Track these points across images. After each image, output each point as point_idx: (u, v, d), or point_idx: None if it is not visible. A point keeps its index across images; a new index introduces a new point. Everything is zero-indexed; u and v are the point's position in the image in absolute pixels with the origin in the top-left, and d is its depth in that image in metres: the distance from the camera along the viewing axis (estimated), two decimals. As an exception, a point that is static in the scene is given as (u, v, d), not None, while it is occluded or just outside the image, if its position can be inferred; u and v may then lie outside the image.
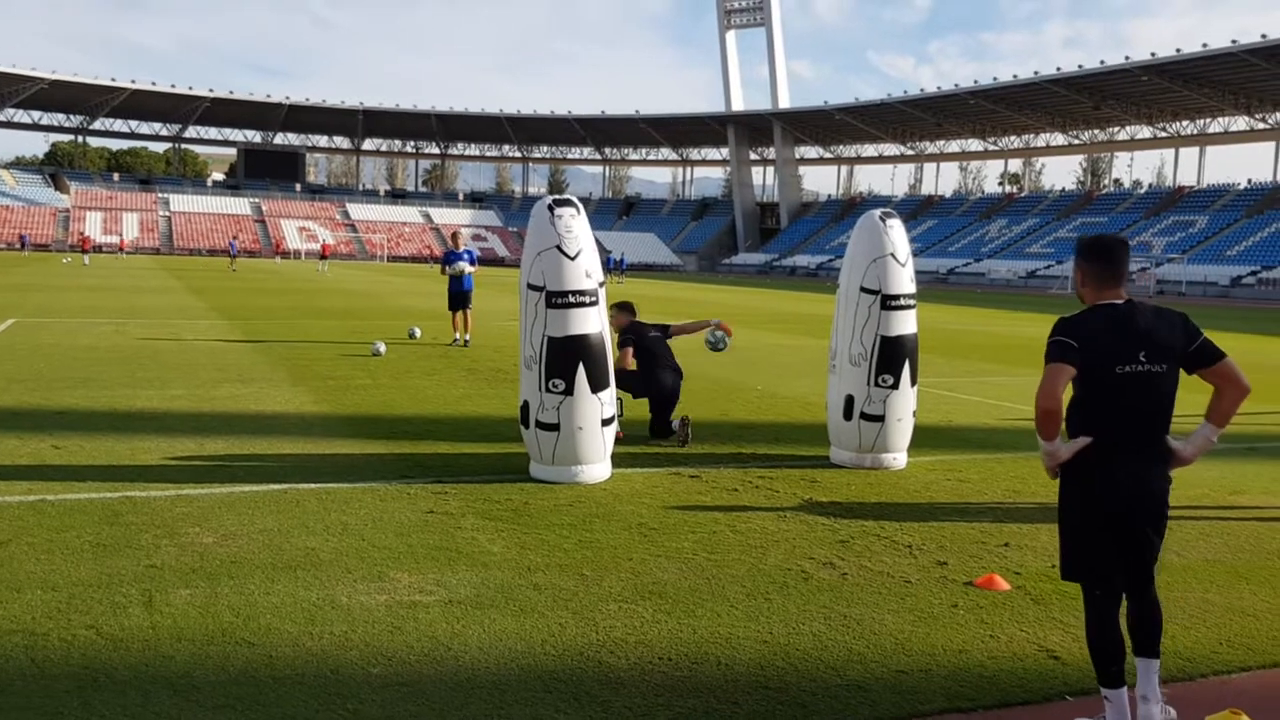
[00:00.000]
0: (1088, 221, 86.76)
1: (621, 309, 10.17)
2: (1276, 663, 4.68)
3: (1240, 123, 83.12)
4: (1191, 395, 4.01)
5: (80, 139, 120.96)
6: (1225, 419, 3.87)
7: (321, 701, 3.92)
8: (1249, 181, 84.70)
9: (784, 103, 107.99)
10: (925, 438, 9.64)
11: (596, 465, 7.79)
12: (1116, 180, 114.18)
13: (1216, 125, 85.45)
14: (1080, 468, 3.79)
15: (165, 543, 5.82)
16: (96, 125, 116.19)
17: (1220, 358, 3.80)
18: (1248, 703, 4.15)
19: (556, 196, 7.98)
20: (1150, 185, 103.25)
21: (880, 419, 8.52)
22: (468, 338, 17.82)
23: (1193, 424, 3.96)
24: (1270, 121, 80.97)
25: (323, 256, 68.22)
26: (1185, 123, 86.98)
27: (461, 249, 18.51)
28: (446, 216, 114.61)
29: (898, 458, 8.75)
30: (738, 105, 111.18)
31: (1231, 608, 5.39)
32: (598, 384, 7.65)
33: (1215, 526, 7.07)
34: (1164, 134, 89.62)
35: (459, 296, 17.91)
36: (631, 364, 9.68)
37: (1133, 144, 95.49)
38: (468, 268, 18.02)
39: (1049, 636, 4.82)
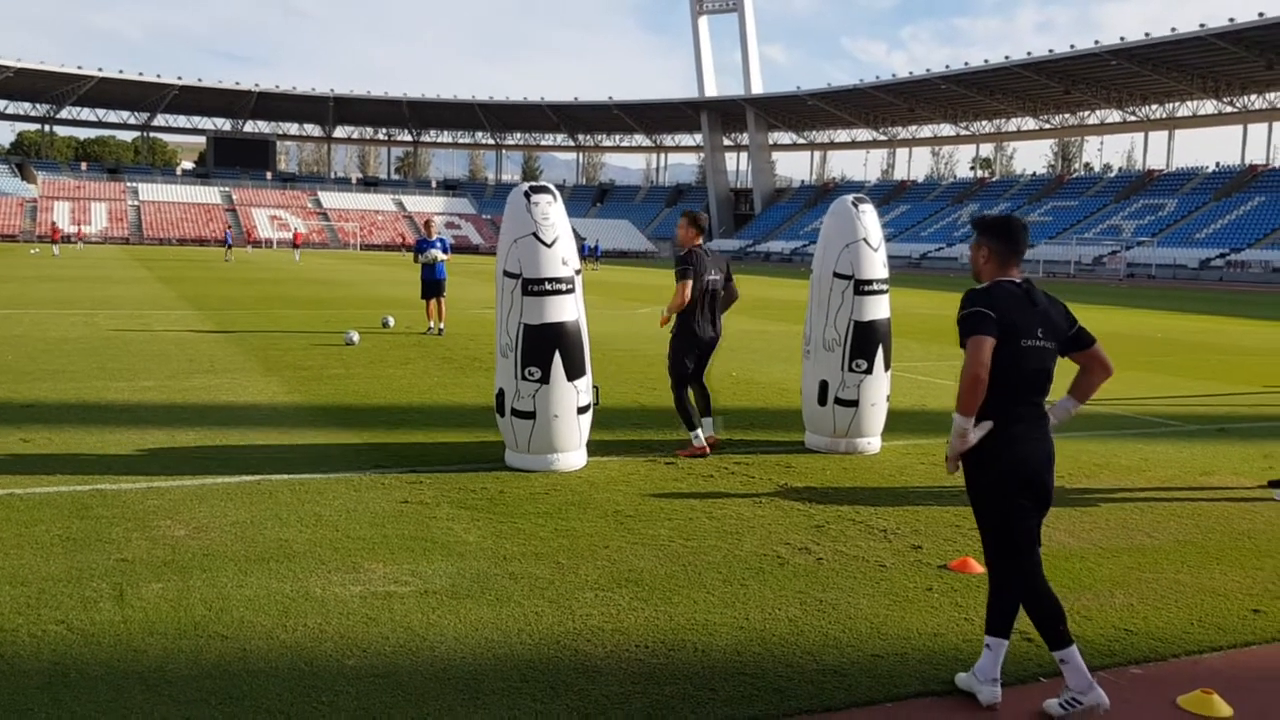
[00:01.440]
0: (1058, 205, 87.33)
1: (692, 222, 8.58)
2: (1248, 642, 4.73)
3: (1209, 106, 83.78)
4: (1162, 377, 4.03)
5: (47, 128, 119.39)
6: (1088, 395, 4.20)
7: (296, 694, 3.89)
8: (1217, 164, 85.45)
9: (757, 88, 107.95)
10: (899, 422, 9.68)
11: (572, 453, 7.77)
12: (1087, 164, 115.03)
13: (1185, 109, 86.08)
14: (988, 446, 3.95)
15: (136, 536, 5.76)
16: (63, 114, 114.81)
17: (1093, 341, 4.13)
18: (1219, 682, 4.19)
19: (533, 183, 7.94)
20: (1120, 169, 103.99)
21: (854, 404, 8.54)
22: (442, 326, 17.74)
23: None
24: (1238, 105, 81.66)
25: (295, 245, 68.02)
26: (1154, 106, 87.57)
27: (434, 237, 18.38)
28: (419, 204, 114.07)
29: (872, 442, 8.78)
30: (711, 91, 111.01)
31: (1202, 588, 5.44)
32: (574, 371, 7.62)
33: (1186, 507, 7.14)
34: (1133, 118, 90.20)
35: (432, 285, 17.85)
36: (687, 297, 8.24)
37: (1103, 128, 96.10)
38: (440, 255, 17.95)
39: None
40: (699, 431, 8.38)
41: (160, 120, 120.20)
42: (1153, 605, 5.14)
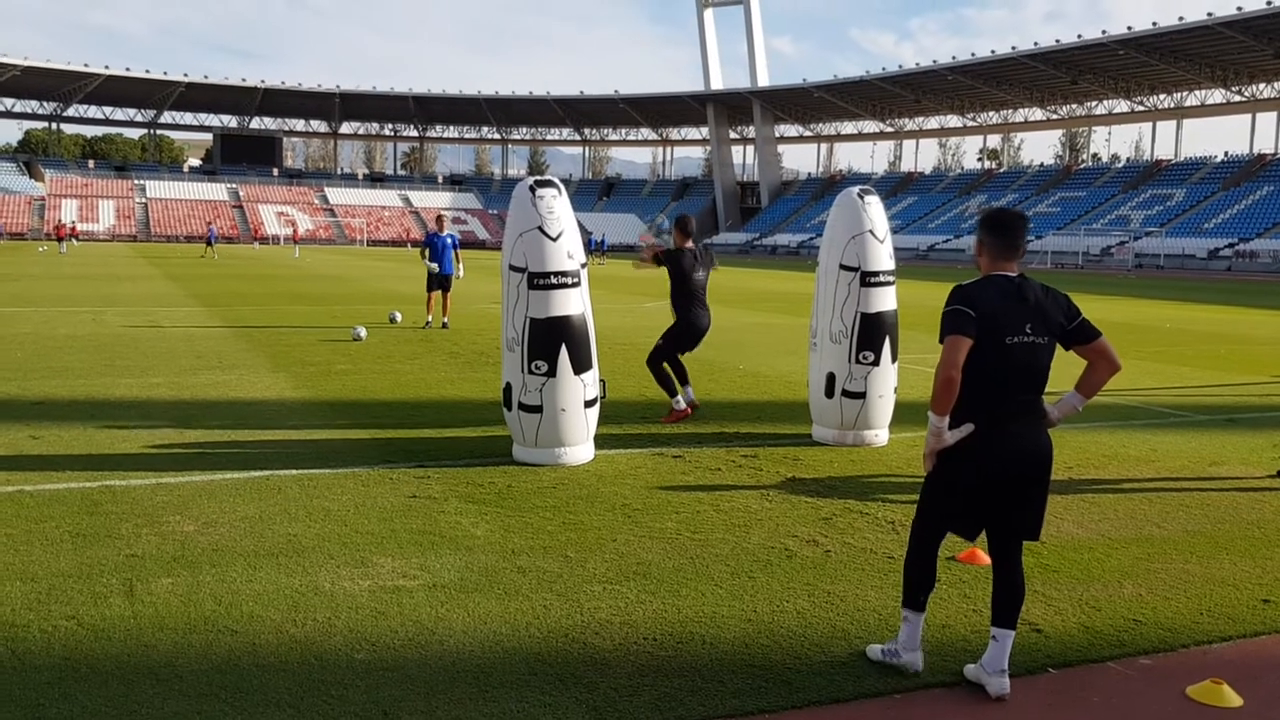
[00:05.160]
0: (1066, 196, 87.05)
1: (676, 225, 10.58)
2: (1257, 632, 4.72)
3: (1217, 95, 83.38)
4: (1170, 367, 4.03)
5: (54, 126, 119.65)
6: (1094, 390, 4.14)
7: (306, 688, 3.90)
8: (1226, 154, 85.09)
9: (763, 81, 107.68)
10: (906, 414, 9.66)
11: (580, 447, 7.77)
12: (1095, 154, 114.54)
13: (1193, 98, 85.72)
14: (968, 441, 3.93)
15: (146, 531, 5.78)
16: (70, 112, 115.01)
17: (1097, 335, 4.04)
18: (1229, 672, 4.18)
19: (538, 177, 7.94)
20: (1128, 159, 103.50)
21: (861, 396, 8.53)
22: (445, 320, 17.70)
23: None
24: (1246, 94, 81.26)
25: (294, 240, 69.07)
26: (1162, 96, 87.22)
27: (445, 232, 18.27)
28: (426, 200, 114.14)
29: (879, 434, 8.77)
30: (717, 84, 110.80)
31: (1211, 578, 5.43)
32: (580, 365, 7.62)
33: (1195, 498, 7.12)
34: (1141, 108, 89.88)
35: (438, 277, 17.77)
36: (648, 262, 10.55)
37: (1110, 118, 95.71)
38: (460, 270, 17.94)
39: (1031, 610, 4.84)
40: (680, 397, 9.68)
41: (167, 117, 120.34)
42: (1162, 595, 5.13)
